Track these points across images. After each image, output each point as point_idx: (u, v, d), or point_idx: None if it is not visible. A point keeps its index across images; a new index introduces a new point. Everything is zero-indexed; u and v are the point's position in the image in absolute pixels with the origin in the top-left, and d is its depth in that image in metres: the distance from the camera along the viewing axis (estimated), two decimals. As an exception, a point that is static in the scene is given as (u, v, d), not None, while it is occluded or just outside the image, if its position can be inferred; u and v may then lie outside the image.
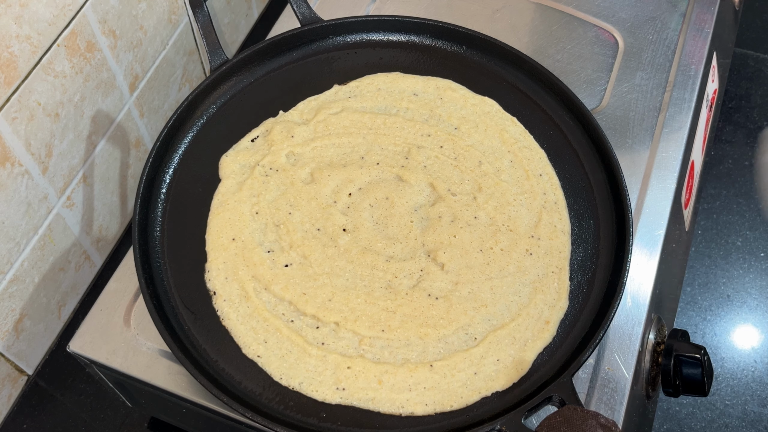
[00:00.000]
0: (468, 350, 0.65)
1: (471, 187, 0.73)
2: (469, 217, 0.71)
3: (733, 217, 1.06)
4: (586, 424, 0.54)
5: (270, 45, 0.82)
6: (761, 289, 1.00)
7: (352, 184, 0.74)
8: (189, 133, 0.77)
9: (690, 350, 0.71)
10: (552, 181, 0.74)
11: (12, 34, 0.69)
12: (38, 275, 0.83)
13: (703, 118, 0.91)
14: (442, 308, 0.66)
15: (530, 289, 0.68)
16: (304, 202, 0.73)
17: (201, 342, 0.66)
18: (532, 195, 0.73)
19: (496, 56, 0.82)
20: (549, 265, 0.69)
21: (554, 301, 0.67)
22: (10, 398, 0.86)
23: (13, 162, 0.74)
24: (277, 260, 0.69)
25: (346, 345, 0.65)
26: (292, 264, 0.69)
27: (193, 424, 0.77)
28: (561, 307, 0.67)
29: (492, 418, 0.61)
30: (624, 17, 0.93)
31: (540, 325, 0.66)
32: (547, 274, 0.69)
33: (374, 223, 0.72)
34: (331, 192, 0.73)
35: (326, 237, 0.71)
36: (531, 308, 0.67)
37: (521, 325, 0.66)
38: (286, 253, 0.70)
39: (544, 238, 0.70)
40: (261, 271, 0.68)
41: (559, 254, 0.70)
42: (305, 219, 0.72)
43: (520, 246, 0.70)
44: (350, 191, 0.73)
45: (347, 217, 0.72)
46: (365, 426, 0.62)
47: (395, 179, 0.74)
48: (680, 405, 0.92)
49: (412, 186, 0.73)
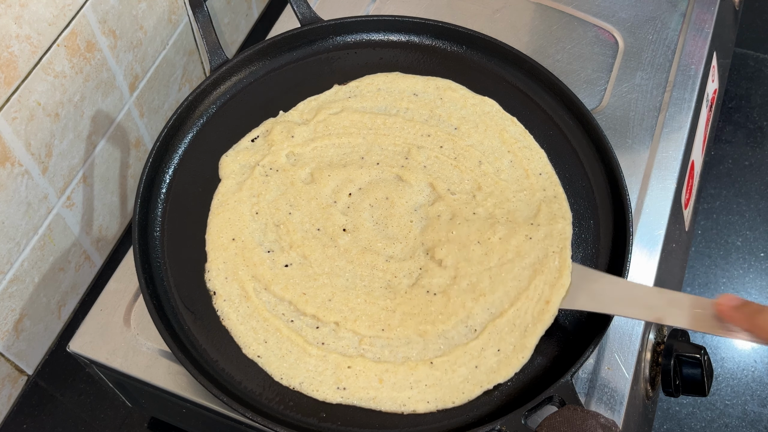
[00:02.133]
0: (468, 343, 0.64)
1: (470, 186, 0.73)
2: (467, 213, 0.71)
3: (733, 217, 1.06)
4: (586, 424, 0.54)
5: (270, 45, 0.82)
6: (761, 289, 1.00)
7: (352, 184, 0.74)
8: (189, 133, 0.77)
9: (690, 350, 0.71)
10: (552, 179, 0.74)
11: (12, 34, 0.69)
12: (38, 275, 0.83)
13: (703, 118, 0.91)
14: (440, 303, 0.66)
15: (530, 272, 0.67)
16: (304, 202, 0.73)
17: (201, 342, 0.66)
18: (531, 192, 0.73)
19: (496, 56, 0.82)
20: (550, 245, 0.68)
21: (554, 279, 0.66)
22: (10, 398, 0.86)
23: (13, 162, 0.74)
24: (277, 260, 0.69)
25: (346, 344, 0.65)
26: (292, 264, 0.69)
27: (193, 424, 0.77)
28: (562, 285, 0.65)
29: (492, 418, 0.61)
30: (624, 17, 0.93)
31: (540, 306, 0.65)
32: (548, 254, 0.67)
33: (374, 223, 0.72)
34: (331, 192, 0.73)
35: (326, 237, 0.71)
36: (530, 291, 0.66)
37: (521, 310, 0.65)
38: (286, 253, 0.70)
39: (543, 224, 0.70)
40: (261, 271, 0.68)
41: (560, 236, 0.69)
42: (305, 219, 0.72)
43: (519, 233, 0.69)
44: (350, 191, 0.73)
45: (347, 217, 0.72)
46: (365, 426, 0.62)
47: (395, 179, 0.74)
48: (680, 405, 0.92)
49: (412, 186, 0.73)
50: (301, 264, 0.69)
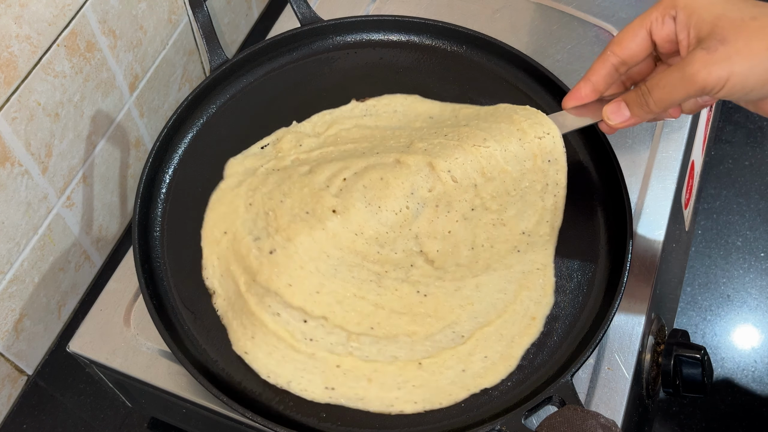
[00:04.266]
0: (455, 347, 0.64)
1: (472, 170, 0.69)
2: (465, 208, 0.70)
3: (733, 217, 1.06)
4: (586, 424, 0.54)
5: (270, 45, 0.82)
6: (761, 289, 1.00)
7: (348, 170, 0.70)
8: (189, 133, 0.77)
9: (690, 350, 0.71)
10: (559, 173, 0.71)
11: (12, 34, 0.69)
12: (38, 275, 0.83)
13: (703, 118, 0.91)
14: (430, 306, 0.66)
15: (515, 286, 0.68)
16: (297, 190, 0.70)
17: (201, 342, 0.66)
18: (532, 185, 0.70)
19: (496, 56, 0.82)
20: (534, 261, 0.69)
21: (540, 297, 0.67)
22: (10, 398, 0.86)
23: (13, 162, 0.74)
24: (263, 247, 0.67)
25: (335, 341, 0.64)
26: (276, 250, 0.66)
27: (193, 424, 0.77)
28: (547, 303, 0.67)
29: (492, 418, 0.61)
30: (624, 17, 0.93)
31: (526, 321, 0.66)
32: (532, 270, 0.68)
33: (366, 204, 0.68)
34: (325, 179, 0.70)
35: (314, 219, 0.67)
36: (517, 305, 0.67)
37: (507, 322, 0.66)
38: (271, 239, 0.67)
39: (534, 234, 0.70)
40: (248, 262, 0.67)
41: (544, 251, 0.69)
42: (295, 204, 0.69)
43: (509, 243, 0.69)
44: (345, 176, 0.70)
45: (338, 199, 0.68)
46: (366, 426, 0.62)
47: (393, 162, 0.71)
48: (680, 405, 0.92)
49: (410, 167, 0.69)
50: (285, 249, 0.66)
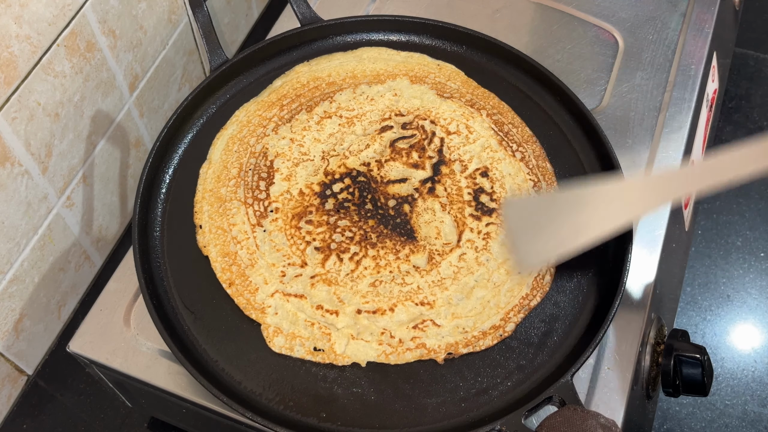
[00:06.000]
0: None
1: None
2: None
3: (733, 217, 1.06)
4: (586, 424, 0.54)
5: (270, 45, 0.82)
6: (761, 289, 1.00)
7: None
8: (189, 133, 0.77)
9: (690, 350, 0.71)
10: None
11: (12, 34, 0.69)
12: (38, 275, 0.83)
13: (703, 118, 0.91)
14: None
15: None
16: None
17: (201, 342, 0.66)
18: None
19: (496, 56, 0.82)
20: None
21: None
22: (10, 398, 0.86)
23: (13, 162, 0.74)
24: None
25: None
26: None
27: (193, 424, 0.77)
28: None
29: (492, 418, 0.61)
30: (624, 17, 0.93)
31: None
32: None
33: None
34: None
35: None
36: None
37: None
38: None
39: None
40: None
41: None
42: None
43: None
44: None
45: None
46: (366, 426, 0.62)
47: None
48: (680, 405, 0.92)
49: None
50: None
